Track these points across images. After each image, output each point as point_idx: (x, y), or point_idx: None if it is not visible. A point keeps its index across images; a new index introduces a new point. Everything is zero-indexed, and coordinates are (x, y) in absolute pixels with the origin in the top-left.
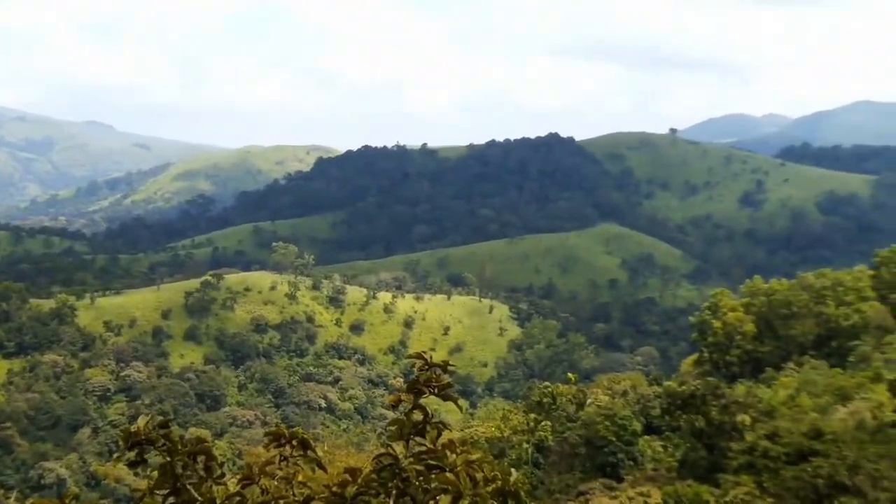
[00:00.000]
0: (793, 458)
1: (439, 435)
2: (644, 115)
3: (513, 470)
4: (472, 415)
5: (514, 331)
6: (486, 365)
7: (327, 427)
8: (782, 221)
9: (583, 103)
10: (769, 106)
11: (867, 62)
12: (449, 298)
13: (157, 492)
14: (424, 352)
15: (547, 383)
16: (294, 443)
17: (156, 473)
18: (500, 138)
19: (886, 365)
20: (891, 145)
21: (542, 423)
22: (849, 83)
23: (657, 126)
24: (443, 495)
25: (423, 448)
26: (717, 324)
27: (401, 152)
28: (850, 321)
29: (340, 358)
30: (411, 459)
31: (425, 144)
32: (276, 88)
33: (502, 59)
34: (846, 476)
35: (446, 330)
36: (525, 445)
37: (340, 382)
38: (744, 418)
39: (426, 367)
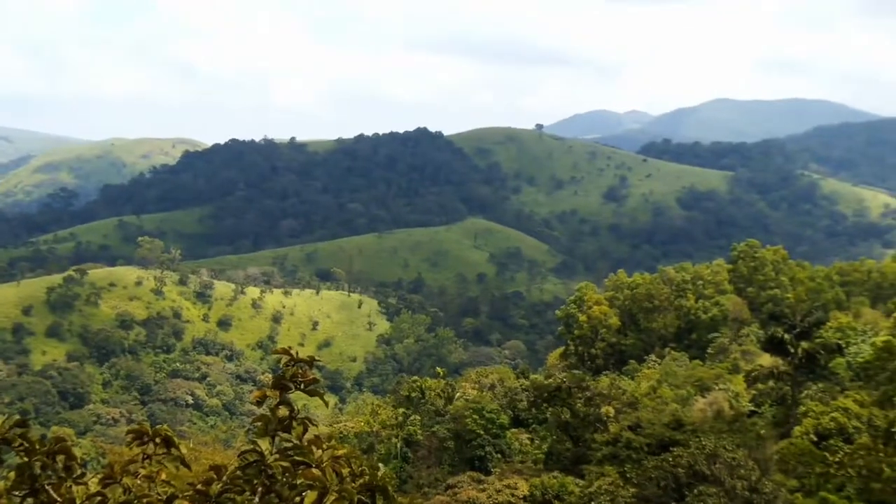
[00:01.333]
0: (655, 449)
1: (305, 431)
2: (510, 111)
3: (381, 465)
4: (340, 410)
5: (384, 325)
6: (355, 360)
7: (194, 424)
8: (645, 216)
9: (449, 98)
10: (632, 103)
11: (725, 61)
12: (318, 293)
13: (14, 493)
14: (290, 347)
15: (416, 378)
16: (157, 440)
17: (13, 474)
18: (368, 132)
19: (743, 356)
20: (747, 142)
21: (411, 418)
22: (708, 81)
23: (523, 121)
24: (309, 491)
25: (289, 444)
26: (582, 317)
27: (269, 146)
28: (709, 314)
29: (208, 354)
30: (277, 456)
31: (293, 138)
32: (139, 79)
33: (369, 52)
34: (705, 465)
35: (315, 325)
36: (394, 440)
37: (208, 378)
38: (608, 410)
39: (292, 362)
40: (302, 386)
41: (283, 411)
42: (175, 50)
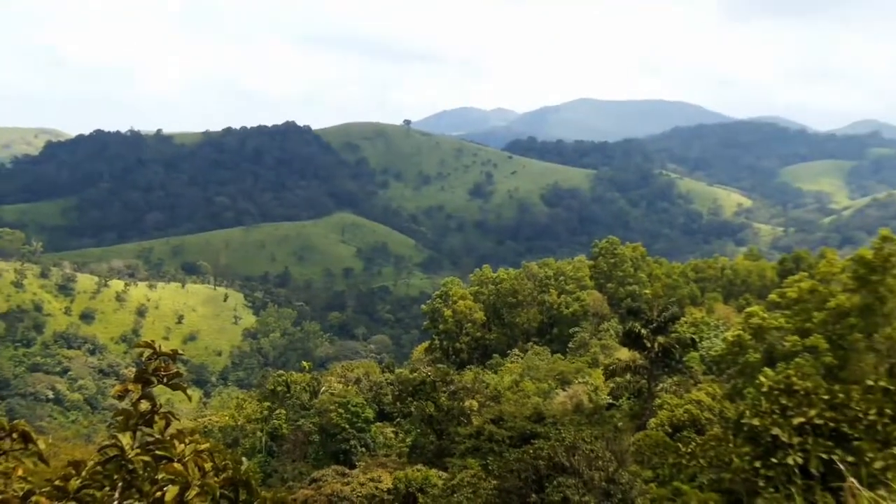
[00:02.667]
0: (516, 441)
1: (168, 425)
2: (377, 106)
3: (244, 459)
4: (205, 404)
5: (250, 319)
6: (220, 353)
7: (55, 419)
8: (510, 212)
9: (317, 92)
10: (498, 100)
11: (589, 61)
12: (183, 286)
13: None
14: (154, 341)
15: (281, 372)
16: (14, 436)
17: None
18: (236, 125)
19: (602, 350)
20: (608, 141)
21: (277, 412)
22: (572, 81)
23: (391, 117)
24: (170, 486)
25: (151, 438)
26: (447, 312)
27: (135, 138)
28: (570, 309)
29: (70, 347)
30: (138, 450)
31: (160, 130)
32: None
33: (236, 44)
34: (564, 457)
35: (180, 318)
36: (259, 434)
37: (70, 373)
38: (471, 403)
39: (154, 356)
40: (164, 380)
41: (144, 405)
42: (38, 38)
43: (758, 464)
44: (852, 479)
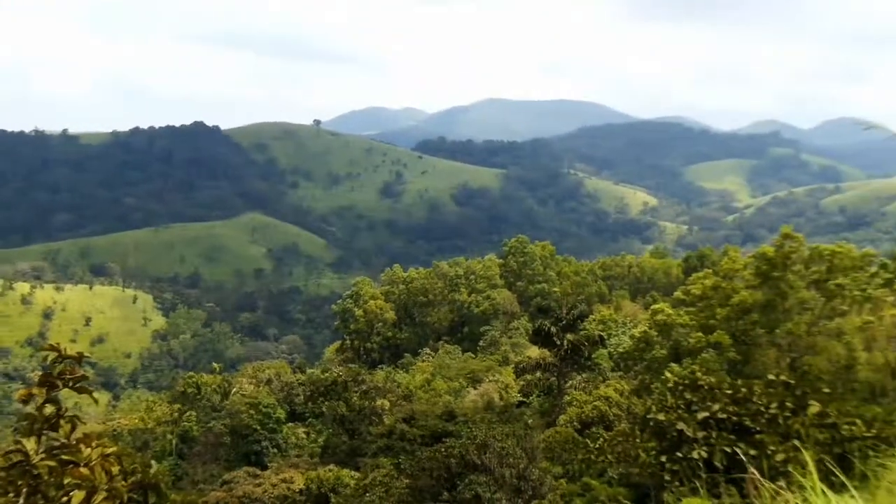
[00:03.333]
0: (428, 440)
1: (74, 429)
2: (286, 107)
3: (153, 462)
4: (115, 407)
5: (159, 321)
6: (130, 356)
7: None
8: (420, 212)
9: (225, 93)
10: (408, 100)
11: (497, 62)
12: (91, 288)
13: None
14: (59, 344)
15: (192, 373)
16: None
17: None
18: (143, 125)
19: (513, 349)
20: (517, 141)
21: (187, 414)
22: (480, 81)
23: (299, 117)
24: (77, 491)
25: (57, 443)
26: (358, 312)
27: (39, 138)
28: (480, 307)
29: None
30: (43, 455)
31: (66, 130)
32: None
33: (141, 44)
34: (476, 455)
35: (88, 321)
36: (169, 436)
37: None
38: (383, 403)
39: (60, 359)
40: (70, 383)
41: (50, 409)
42: None
43: (664, 458)
44: (753, 471)
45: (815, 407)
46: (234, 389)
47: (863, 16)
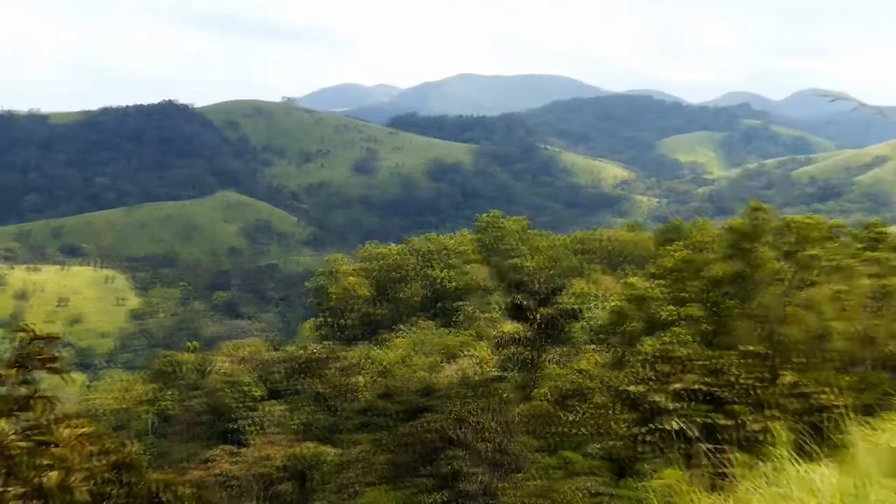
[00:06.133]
0: (407, 416)
1: (51, 410)
2: (257, 85)
3: (131, 441)
4: (91, 387)
5: (135, 300)
6: (106, 336)
7: None
8: (394, 188)
9: (194, 71)
10: (379, 76)
11: (466, 37)
12: (65, 269)
13: None
14: (33, 324)
15: (169, 352)
16: None
17: None
18: (113, 105)
19: (488, 323)
20: (488, 115)
21: (165, 393)
22: (451, 56)
23: (271, 95)
24: (52, 471)
25: (30, 424)
26: (333, 288)
27: (6, 117)
28: (455, 283)
29: None
30: (16, 436)
31: (35, 110)
32: None
33: (108, 22)
34: (453, 430)
35: (64, 301)
36: (147, 416)
37: None
38: (360, 379)
39: (32, 340)
40: (41, 364)
41: (23, 390)
42: None
43: (638, 430)
44: (702, 442)
45: (788, 376)
46: (212, 368)
47: None
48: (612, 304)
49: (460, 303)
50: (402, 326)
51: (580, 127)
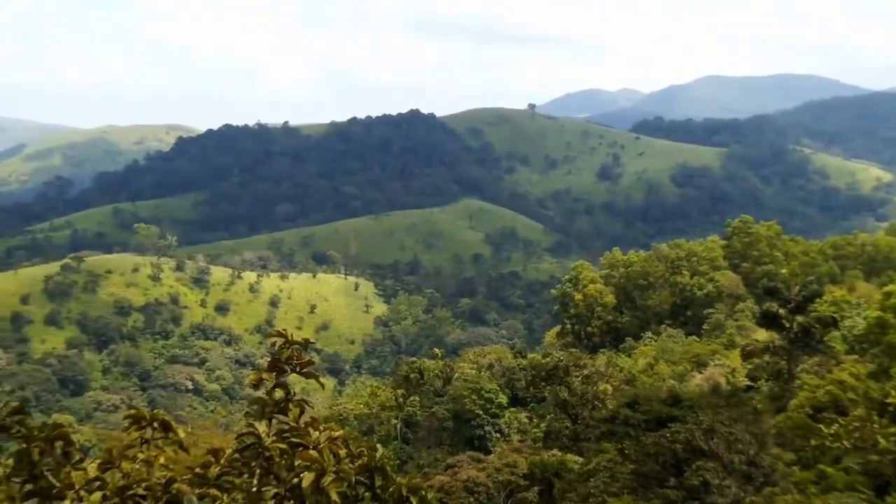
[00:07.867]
0: (652, 425)
1: (302, 413)
2: (499, 92)
3: (379, 446)
4: (340, 392)
5: (381, 307)
6: (353, 342)
7: (194, 409)
8: (639, 194)
9: (437, 80)
10: (623, 81)
11: (713, 37)
12: (314, 277)
13: (14, 479)
14: (285, 330)
15: (414, 359)
16: (155, 425)
17: (11, 461)
18: (360, 115)
19: (739, 331)
20: (738, 118)
21: (410, 399)
22: (697, 58)
23: (513, 102)
24: (306, 472)
25: (286, 426)
26: (578, 296)
27: (262, 131)
28: (703, 290)
29: (206, 339)
30: (274, 438)
31: (287, 122)
32: (122, 68)
33: (355, 36)
34: (702, 440)
35: (313, 308)
36: (393, 421)
37: (207, 363)
38: (605, 388)
39: (287, 345)
40: (297, 368)
41: (279, 394)
42: (153, 37)
43: None
44: None
45: None
46: (456, 374)
47: None
48: (872, 313)
49: (709, 310)
50: (648, 334)
51: (835, 127)
